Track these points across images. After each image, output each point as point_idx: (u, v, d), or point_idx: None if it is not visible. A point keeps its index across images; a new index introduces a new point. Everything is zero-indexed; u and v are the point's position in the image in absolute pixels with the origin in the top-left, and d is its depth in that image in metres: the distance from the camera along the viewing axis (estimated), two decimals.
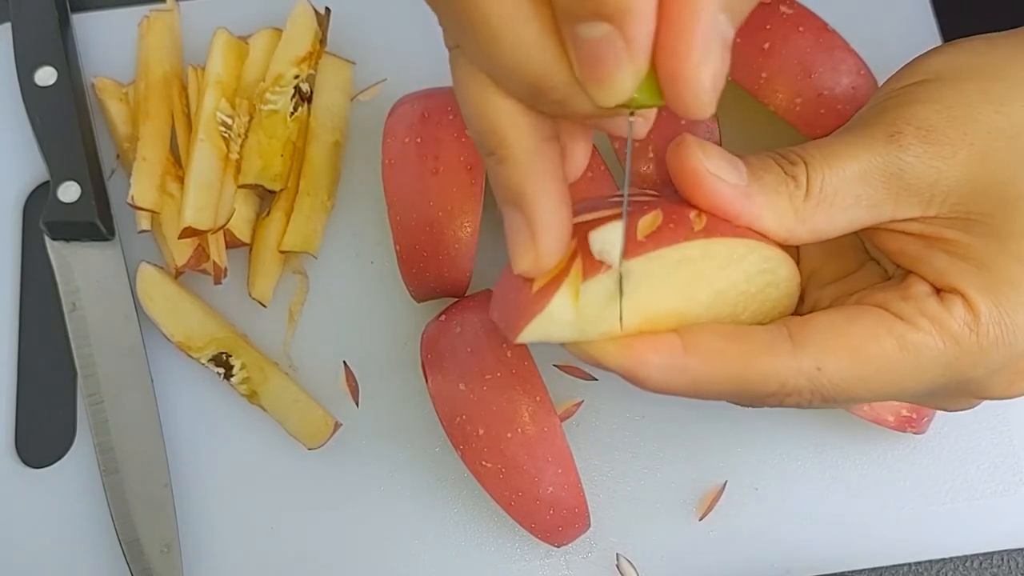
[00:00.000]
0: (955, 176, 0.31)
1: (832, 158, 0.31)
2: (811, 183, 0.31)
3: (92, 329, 0.47)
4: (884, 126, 0.31)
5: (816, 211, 0.31)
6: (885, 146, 0.31)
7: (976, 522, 0.44)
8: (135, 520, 0.44)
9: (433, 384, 0.41)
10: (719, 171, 0.31)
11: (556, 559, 0.44)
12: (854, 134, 0.32)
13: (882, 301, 0.31)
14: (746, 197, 0.31)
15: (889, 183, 0.31)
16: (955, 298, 0.30)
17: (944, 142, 0.31)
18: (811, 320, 0.31)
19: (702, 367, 0.30)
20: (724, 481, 0.44)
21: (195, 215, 0.45)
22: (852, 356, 0.30)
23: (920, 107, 0.31)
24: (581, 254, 0.29)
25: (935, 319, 0.30)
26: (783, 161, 0.32)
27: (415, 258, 0.44)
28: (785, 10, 0.44)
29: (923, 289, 0.31)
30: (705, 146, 0.31)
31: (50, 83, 0.49)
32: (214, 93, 0.48)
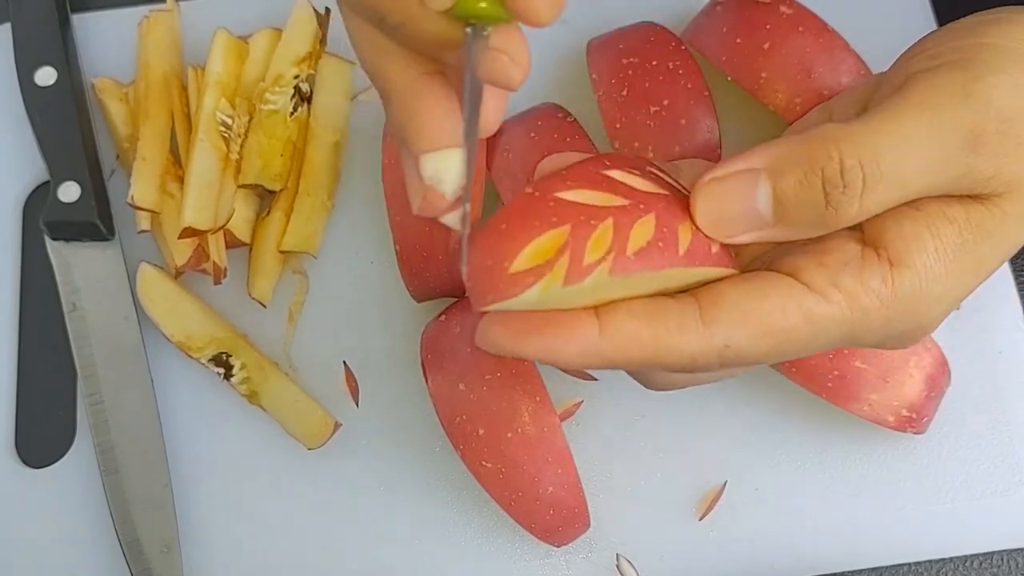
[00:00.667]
0: (1013, 171, 0.30)
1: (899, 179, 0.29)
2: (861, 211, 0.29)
3: (92, 329, 0.47)
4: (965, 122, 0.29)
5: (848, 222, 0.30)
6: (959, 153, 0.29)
7: (976, 522, 0.44)
8: (135, 520, 0.44)
9: (433, 384, 0.41)
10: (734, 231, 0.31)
11: (556, 559, 0.44)
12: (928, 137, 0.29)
13: (794, 268, 0.30)
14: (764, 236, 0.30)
15: (948, 186, 0.30)
16: (879, 268, 0.29)
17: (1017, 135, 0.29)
18: (721, 295, 0.30)
19: (616, 351, 0.29)
20: (724, 481, 0.44)
21: (195, 215, 0.45)
22: (758, 332, 0.30)
23: (1008, 94, 0.29)
24: (571, 250, 0.29)
25: (847, 291, 0.29)
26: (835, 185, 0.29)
27: (415, 258, 0.44)
28: (785, 10, 0.44)
29: (842, 257, 0.30)
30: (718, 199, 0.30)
31: (50, 83, 0.49)
32: (214, 93, 0.48)
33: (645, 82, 0.44)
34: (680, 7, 0.50)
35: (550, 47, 0.51)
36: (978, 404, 0.45)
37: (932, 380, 0.42)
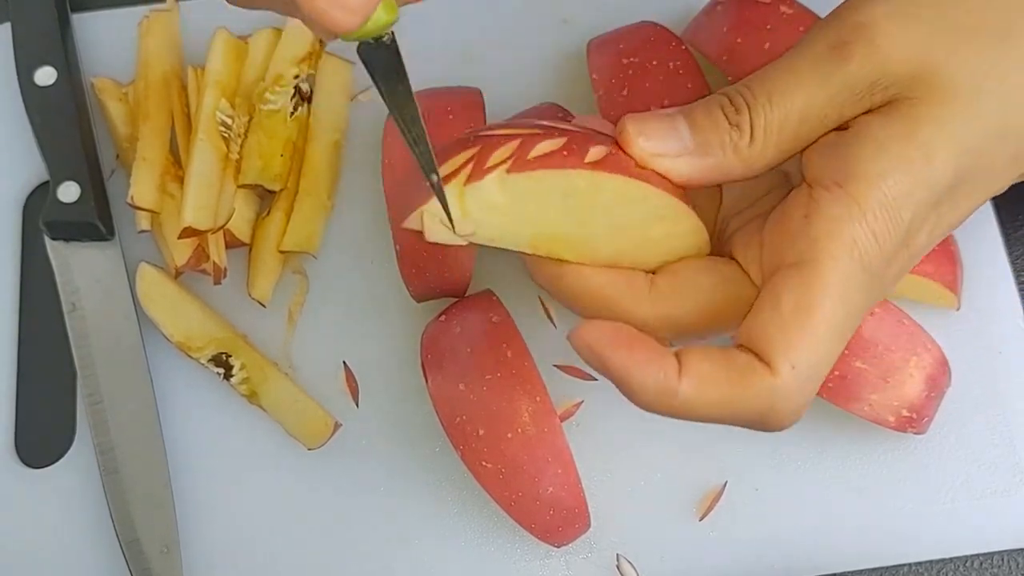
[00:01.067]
0: (895, 70, 0.31)
1: (776, 95, 0.32)
2: (755, 126, 0.32)
3: (92, 329, 0.47)
4: (828, 37, 0.31)
5: (763, 152, 0.32)
6: (828, 64, 0.31)
7: (976, 522, 0.44)
8: (135, 520, 0.44)
9: (433, 384, 0.41)
10: (660, 148, 0.32)
11: (556, 559, 0.44)
12: (798, 58, 0.32)
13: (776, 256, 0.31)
14: (691, 164, 0.32)
15: (835, 99, 0.31)
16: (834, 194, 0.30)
17: (888, 34, 0.31)
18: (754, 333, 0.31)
19: (695, 390, 0.30)
20: (724, 481, 0.44)
21: (195, 215, 0.45)
22: (803, 336, 0.30)
23: (864, 7, 0.31)
24: (475, 161, 0.31)
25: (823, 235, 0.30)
26: (728, 107, 0.32)
27: (415, 258, 0.44)
28: (785, 10, 0.44)
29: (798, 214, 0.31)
30: (643, 122, 0.32)
31: (50, 83, 0.49)
32: (214, 93, 0.48)
33: (645, 82, 0.44)
34: (680, 7, 0.50)
35: (550, 47, 0.51)
36: (978, 404, 0.45)
37: (933, 380, 0.42)
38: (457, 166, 0.32)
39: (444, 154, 0.32)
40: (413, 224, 0.32)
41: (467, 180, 0.31)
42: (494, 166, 0.31)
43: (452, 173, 0.32)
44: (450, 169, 0.32)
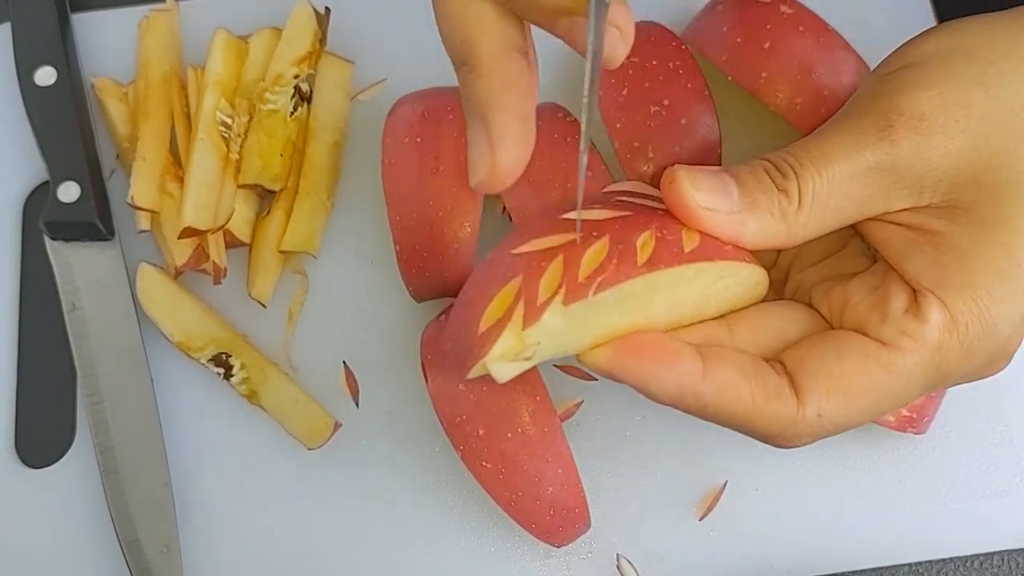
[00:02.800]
0: (947, 166, 0.31)
1: (822, 162, 0.31)
2: (803, 194, 0.31)
3: (92, 329, 0.47)
4: (875, 118, 0.31)
5: (807, 219, 0.32)
6: (876, 143, 0.31)
7: (976, 522, 0.44)
8: (135, 520, 0.44)
9: (433, 384, 0.41)
10: (711, 203, 0.31)
11: (556, 559, 0.44)
12: (844, 130, 0.32)
13: (862, 325, 0.32)
14: (739, 224, 0.31)
15: (880, 179, 0.31)
16: (932, 303, 0.31)
17: (936, 132, 0.31)
18: (804, 364, 0.31)
19: (715, 399, 0.30)
20: (724, 481, 0.44)
21: (195, 215, 0.45)
22: (847, 395, 0.31)
23: (911, 95, 0.31)
24: (525, 296, 0.30)
25: (915, 335, 0.31)
26: (776, 174, 0.32)
27: (415, 258, 0.44)
28: (785, 10, 0.43)
29: (900, 306, 0.31)
30: (696, 177, 0.31)
31: (50, 83, 0.49)
32: (214, 93, 0.47)
33: (645, 82, 0.44)
34: (680, 7, 0.50)
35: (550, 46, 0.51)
36: (979, 404, 0.45)
37: None
38: (505, 307, 0.30)
39: (483, 289, 0.31)
40: (477, 374, 0.31)
41: (524, 324, 0.30)
42: (547, 300, 0.30)
43: (504, 317, 0.30)
44: (499, 312, 0.30)
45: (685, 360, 0.30)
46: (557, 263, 0.30)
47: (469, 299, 0.31)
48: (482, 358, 0.30)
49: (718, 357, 0.31)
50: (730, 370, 0.30)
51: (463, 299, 0.32)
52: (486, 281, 0.31)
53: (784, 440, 0.31)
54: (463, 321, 0.31)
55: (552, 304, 0.30)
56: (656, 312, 0.31)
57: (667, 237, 0.31)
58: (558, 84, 0.50)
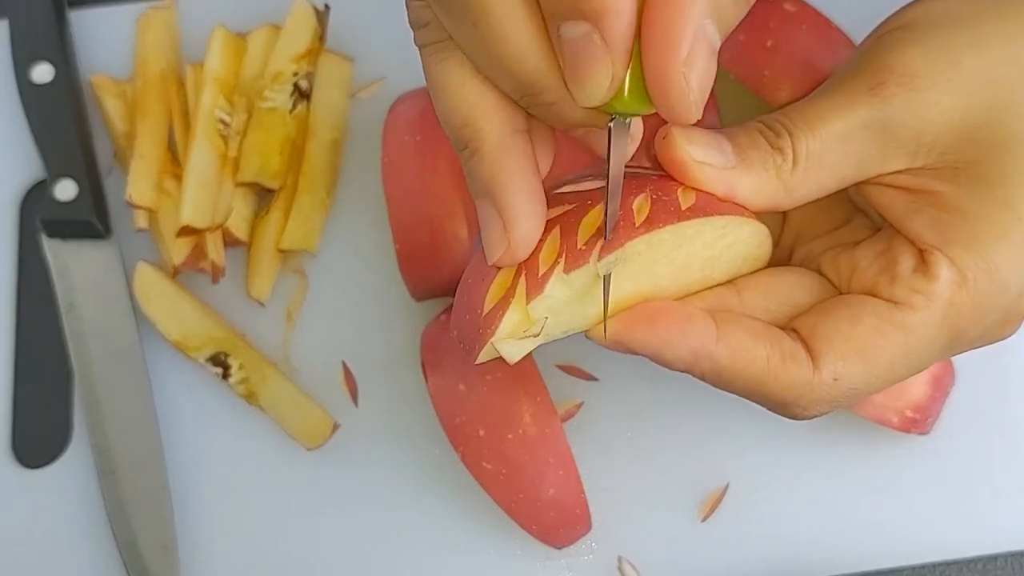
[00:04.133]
0: (940, 123, 0.31)
1: (815, 121, 0.31)
2: (797, 152, 0.31)
3: (89, 328, 0.47)
4: (865, 78, 0.31)
5: (804, 178, 0.32)
6: (867, 99, 0.31)
7: (980, 524, 0.43)
8: (132, 521, 0.44)
9: (433, 384, 0.41)
10: (705, 157, 0.31)
11: (557, 561, 0.44)
12: (835, 91, 0.32)
13: (873, 288, 0.32)
14: (734, 178, 0.31)
15: (874, 137, 0.31)
16: (940, 260, 0.31)
17: (927, 88, 0.31)
18: (819, 326, 0.31)
19: (729, 361, 0.30)
20: (726, 483, 0.44)
21: (193, 213, 0.45)
22: (863, 357, 0.31)
23: (901, 52, 0.31)
24: (526, 270, 0.30)
25: (927, 292, 0.31)
26: (769, 133, 0.32)
27: (415, 257, 0.43)
28: (789, 7, 0.43)
29: (909, 265, 0.31)
30: (690, 133, 0.31)
31: (47, 80, 0.49)
32: (212, 90, 0.47)
33: None
34: None
35: None
36: (983, 405, 0.45)
37: (937, 381, 0.42)
38: (507, 285, 0.30)
39: (483, 271, 0.31)
40: (487, 357, 0.31)
41: (528, 297, 0.29)
42: (548, 270, 0.29)
43: (507, 294, 0.30)
44: (502, 291, 0.30)
45: (697, 323, 0.30)
46: (554, 234, 0.30)
47: (470, 284, 0.31)
48: (489, 338, 0.30)
49: (731, 321, 0.31)
50: (744, 333, 0.30)
51: (465, 285, 0.31)
52: (482, 264, 0.31)
53: (800, 407, 0.31)
54: (467, 306, 0.31)
55: (554, 274, 0.29)
56: (661, 277, 0.31)
57: (663, 198, 0.31)
58: None
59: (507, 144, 0.29)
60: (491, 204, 0.29)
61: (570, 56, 0.26)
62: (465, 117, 0.29)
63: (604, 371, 0.46)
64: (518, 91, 0.28)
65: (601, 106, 0.27)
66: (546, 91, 0.27)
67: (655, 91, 0.26)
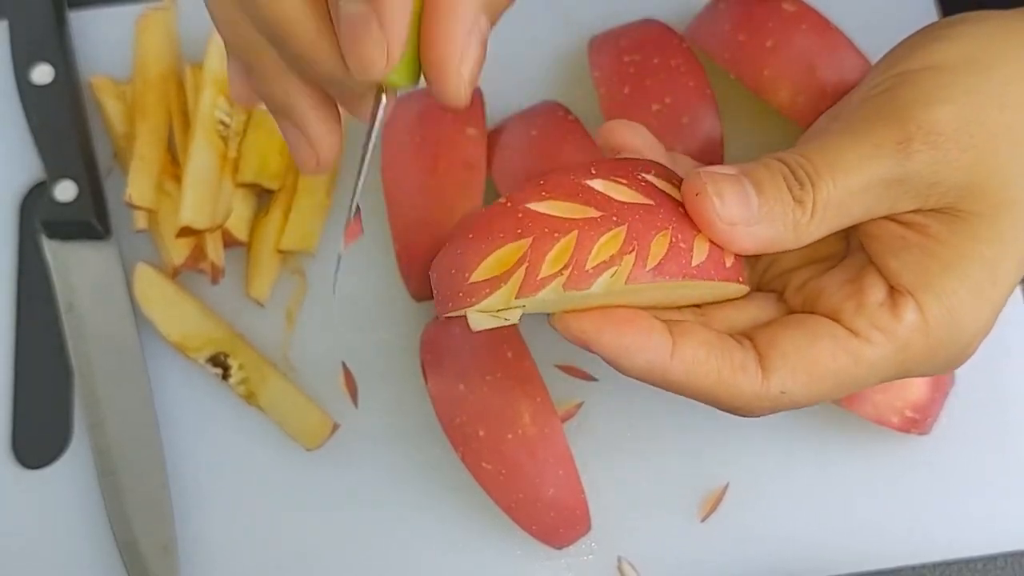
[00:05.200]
0: (956, 178, 0.31)
1: (838, 171, 0.31)
2: (816, 203, 0.32)
3: (89, 329, 0.47)
4: (892, 130, 0.31)
5: (817, 229, 0.32)
6: (892, 155, 0.31)
7: (980, 524, 0.43)
8: (132, 521, 0.44)
9: (433, 385, 0.41)
10: (733, 217, 0.31)
11: (557, 561, 0.44)
12: (861, 138, 0.32)
13: (836, 311, 0.32)
14: (753, 236, 0.31)
15: (891, 189, 0.32)
16: (907, 301, 0.32)
17: (950, 147, 0.31)
18: (776, 341, 0.32)
19: (682, 375, 0.31)
20: (726, 482, 0.44)
21: (192, 214, 0.45)
22: (811, 377, 0.32)
23: (932, 109, 0.31)
24: (528, 263, 0.29)
25: (887, 330, 0.32)
26: (793, 183, 0.32)
27: (415, 258, 0.43)
28: (788, 8, 0.43)
29: (876, 298, 0.32)
30: (720, 186, 0.31)
31: (47, 81, 0.49)
32: (212, 91, 0.47)
33: (647, 80, 0.44)
34: (682, 4, 0.50)
35: (551, 44, 0.51)
36: (983, 405, 0.45)
37: (937, 381, 0.42)
38: (505, 267, 0.29)
39: (487, 234, 0.30)
40: (454, 315, 0.31)
41: (519, 293, 0.29)
42: (549, 277, 0.29)
43: (501, 277, 0.29)
44: (497, 270, 0.30)
45: (656, 337, 0.31)
46: (570, 239, 0.29)
47: (471, 240, 0.30)
48: (467, 308, 0.30)
49: (687, 332, 0.31)
50: (698, 347, 0.31)
51: (464, 231, 0.31)
52: (493, 227, 0.30)
53: (747, 411, 0.33)
54: (457, 259, 0.30)
55: (552, 284, 0.29)
56: (639, 301, 0.32)
57: (679, 244, 0.30)
58: (559, 82, 0.50)
59: None
60: (291, 126, 0.30)
61: (348, 32, 0.26)
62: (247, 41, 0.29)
63: (604, 371, 0.46)
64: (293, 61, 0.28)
65: None
66: (320, 63, 0.28)
67: (431, 79, 0.27)
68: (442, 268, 0.31)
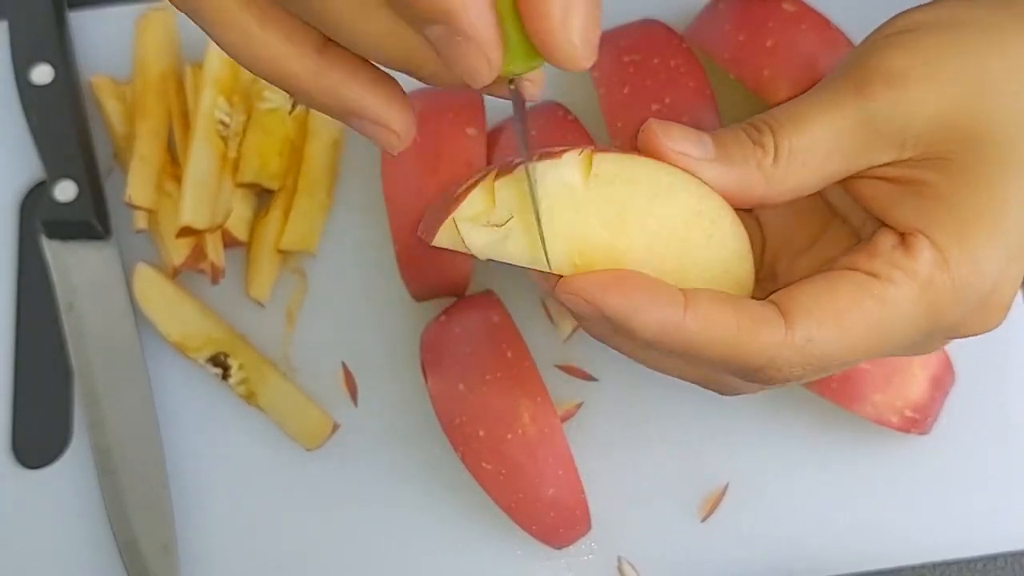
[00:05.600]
0: (925, 117, 0.31)
1: (799, 120, 0.32)
2: (779, 148, 0.32)
3: (88, 329, 0.47)
4: (851, 78, 0.32)
5: (786, 173, 0.32)
6: (853, 99, 0.31)
7: (980, 524, 0.43)
8: (132, 521, 0.44)
9: (433, 385, 0.41)
10: (684, 148, 0.31)
11: (557, 561, 0.43)
12: (822, 92, 0.32)
13: (853, 262, 0.32)
14: (714, 169, 0.32)
15: (859, 134, 0.32)
16: (922, 241, 0.31)
17: (910, 86, 0.31)
18: (794, 293, 0.31)
19: (699, 329, 0.30)
20: (726, 482, 0.44)
21: (193, 214, 0.45)
22: (838, 323, 0.31)
23: (886, 54, 0.32)
24: (499, 167, 0.30)
25: (906, 268, 0.31)
26: (751, 130, 0.32)
27: (415, 258, 0.43)
28: (788, 7, 0.43)
29: (889, 243, 0.32)
30: (668, 127, 0.32)
31: (47, 81, 0.49)
32: (212, 91, 0.47)
33: (647, 80, 0.44)
34: (682, 4, 0.50)
35: None
36: (983, 405, 0.45)
37: (937, 380, 0.42)
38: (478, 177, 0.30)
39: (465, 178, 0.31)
40: (447, 240, 0.30)
41: (496, 177, 0.29)
42: (521, 160, 0.29)
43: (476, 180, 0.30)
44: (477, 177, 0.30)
45: (666, 293, 0.30)
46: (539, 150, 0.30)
47: (447, 192, 0.31)
48: (451, 213, 0.30)
49: (696, 292, 0.31)
50: (711, 301, 0.30)
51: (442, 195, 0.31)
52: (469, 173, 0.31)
53: (774, 370, 0.31)
54: (440, 200, 0.31)
55: (524, 165, 0.29)
56: (634, 238, 0.31)
57: None
58: (559, 82, 0.50)
59: None
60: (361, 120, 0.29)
61: (443, 52, 0.25)
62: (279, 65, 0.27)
63: (604, 371, 0.46)
64: (397, 68, 0.27)
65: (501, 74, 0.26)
66: (422, 67, 0.27)
67: (542, 48, 0.26)
68: (429, 215, 0.31)
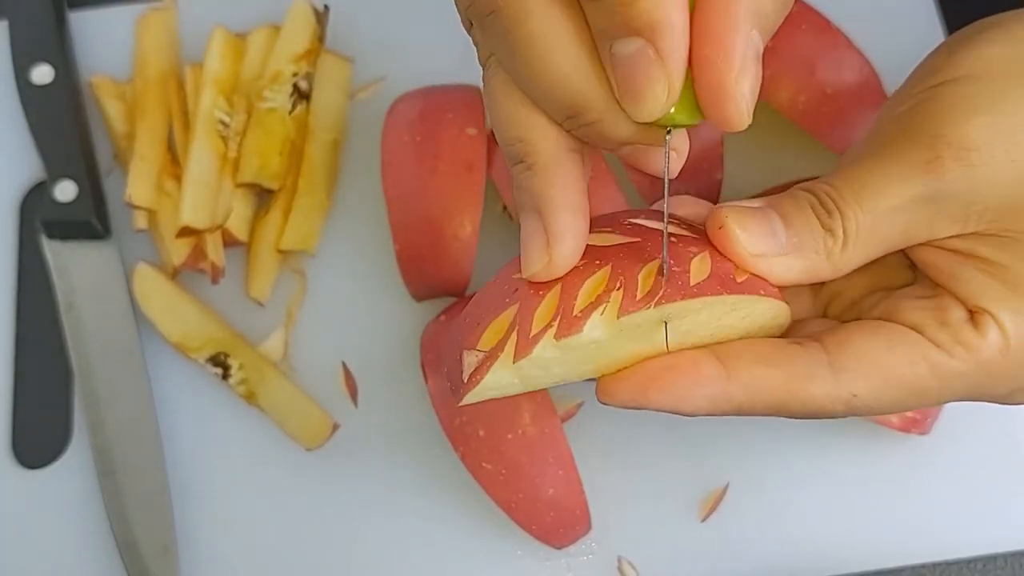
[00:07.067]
0: (993, 196, 0.30)
1: (866, 196, 0.31)
2: (847, 231, 0.31)
3: (89, 329, 0.47)
4: (920, 150, 0.30)
5: (852, 256, 0.31)
6: (922, 175, 0.30)
7: (980, 524, 0.43)
8: (132, 522, 0.44)
9: (433, 385, 0.41)
10: (759, 248, 0.31)
11: (557, 561, 0.43)
12: (888, 160, 0.31)
13: (918, 323, 0.31)
14: (786, 267, 0.31)
15: (924, 209, 0.31)
16: (991, 323, 0.30)
17: (984, 164, 0.30)
18: (848, 343, 0.31)
19: (746, 396, 0.30)
20: (726, 482, 0.44)
21: (192, 214, 0.45)
22: (887, 382, 0.30)
23: (959, 123, 0.30)
24: (519, 326, 0.29)
25: (971, 347, 0.30)
26: (820, 211, 0.31)
27: (415, 258, 0.43)
28: None
29: (959, 315, 0.31)
30: (743, 219, 0.31)
31: (47, 81, 0.49)
32: (212, 91, 0.47)
33: None
34: None
35: None
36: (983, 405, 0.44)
37: None
38: (499, 338, 0.29)
39: (481, 314, 0.30)
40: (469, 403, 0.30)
41: (516, 356, 0.29)
42: (540, 332, 0.29)
43: (497, 348, 0.29)
44: (492, 342, 0.29)
45: (704, 369, 0.30)
46: (555, 292, 0.29)
47: (467, 324, 0.31)
48: (473, 387, 0.30)
49: (736, 353, 0.30)
50: (753, 364, 0.30)
51: (462, 321, 0.31)
52: (484, 303, 0.31)
53: (821, 416, 0.31)
54: (459, 345, 0.31)
55: (544, 338, 0.29)
56: (659, 340, 0.30)
57: (673, 269, 0.30)
58: None
59: (561, 160, 0.29)
60: (538, 219, 0.29)
61: (625, 73, 0.25)
62: (519, 132, 0.29)
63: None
64: (561, 112, 0.28)
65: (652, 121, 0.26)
66: (589, 111, 0.27)
67: (710, 104, 0.26)
68: (449, 358, 0.31)
